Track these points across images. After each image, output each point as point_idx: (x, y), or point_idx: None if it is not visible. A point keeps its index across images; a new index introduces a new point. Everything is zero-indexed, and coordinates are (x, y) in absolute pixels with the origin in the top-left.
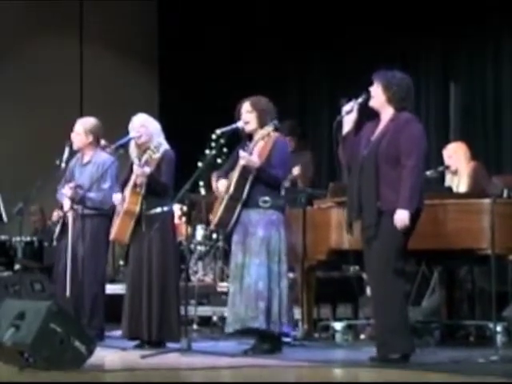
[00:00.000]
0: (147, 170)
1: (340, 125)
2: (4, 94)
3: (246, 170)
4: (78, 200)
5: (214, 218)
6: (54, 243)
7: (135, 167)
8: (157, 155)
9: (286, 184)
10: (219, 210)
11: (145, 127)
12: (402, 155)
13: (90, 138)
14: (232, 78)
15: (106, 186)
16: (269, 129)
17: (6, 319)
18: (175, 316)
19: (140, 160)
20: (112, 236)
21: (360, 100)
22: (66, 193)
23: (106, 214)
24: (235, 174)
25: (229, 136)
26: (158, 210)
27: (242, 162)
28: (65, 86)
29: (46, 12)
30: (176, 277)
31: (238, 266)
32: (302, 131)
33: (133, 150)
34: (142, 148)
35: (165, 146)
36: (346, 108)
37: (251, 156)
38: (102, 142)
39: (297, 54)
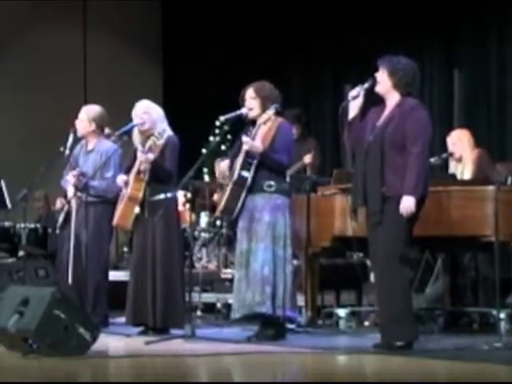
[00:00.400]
0: (151, 156)
1: (346, 110)
2: (7, 82)
3: (249, 155)
4: (81, 187)
5: (220, 204)
6: (57, 231)
7: (139, 154)
8: (161, 141)
9: (291, 171)
10: (224, 197)
11: (148, 114)
12: (407, 141)
13: (93, 126)
14: (236, 65)
15: (109, 174)
16: (270, 113)
17: (10, 306)
18: (180, 302)
19: (144, 146)
20: (115, 221)
21: (366, 85)
22: (69, 180)
23: (109, 201)
24: (239, 160)
25: (233, 122)
26: (162, 196)
27: (245, 147)
28: (68, 74)
29: None
30: (180, 263)
31: (243, 253)
32: (306, 119)
33: (136, 137)
34: (146, 134)
35: (168, 132)
36: (352, 93)
37: (254, 141)
38: (107, 130)
39: (300, 41)
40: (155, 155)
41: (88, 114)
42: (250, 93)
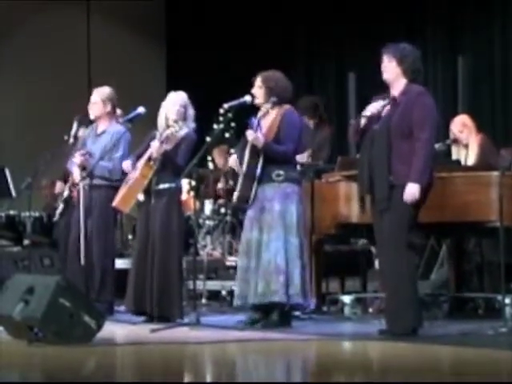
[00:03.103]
0: (163, 147)
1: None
2: (8, 68)
3: (255, 147)
4: (88, 167)
5: (234, 194)
6: (56, 217)
7: (154, 141)
8: (179, 134)
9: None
10: (237, 187)
11: (184, 108)
12: (414, 127)
13: (109, 107)
14: (241, 53)
15: (117, 155)
16: (267, 106)
17: (16, 294)
18: (177, 291)
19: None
20: (114, 202)
21: (386, 102)
22: (75, 160)
23: (115, 185)
24: (246, 152)
25: (236, 110)
26: (166, 185)
27: (249, 138)
28: (71, 60)
29: None
30: (179, 253)
31: (252, 242)
32: (323, 108)
33: (161, 122)
34: (169, 123)
35: (190, 129)
36: (371, 108)
37: (257, 133)
38: (118, 111)
39: (303, 30)
40: (170, 146)
41: (102, 95)
42: (257, 81)
